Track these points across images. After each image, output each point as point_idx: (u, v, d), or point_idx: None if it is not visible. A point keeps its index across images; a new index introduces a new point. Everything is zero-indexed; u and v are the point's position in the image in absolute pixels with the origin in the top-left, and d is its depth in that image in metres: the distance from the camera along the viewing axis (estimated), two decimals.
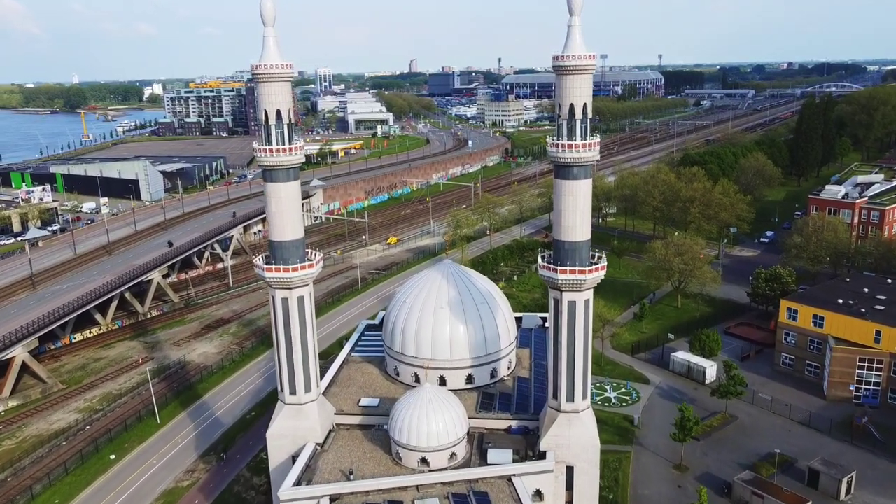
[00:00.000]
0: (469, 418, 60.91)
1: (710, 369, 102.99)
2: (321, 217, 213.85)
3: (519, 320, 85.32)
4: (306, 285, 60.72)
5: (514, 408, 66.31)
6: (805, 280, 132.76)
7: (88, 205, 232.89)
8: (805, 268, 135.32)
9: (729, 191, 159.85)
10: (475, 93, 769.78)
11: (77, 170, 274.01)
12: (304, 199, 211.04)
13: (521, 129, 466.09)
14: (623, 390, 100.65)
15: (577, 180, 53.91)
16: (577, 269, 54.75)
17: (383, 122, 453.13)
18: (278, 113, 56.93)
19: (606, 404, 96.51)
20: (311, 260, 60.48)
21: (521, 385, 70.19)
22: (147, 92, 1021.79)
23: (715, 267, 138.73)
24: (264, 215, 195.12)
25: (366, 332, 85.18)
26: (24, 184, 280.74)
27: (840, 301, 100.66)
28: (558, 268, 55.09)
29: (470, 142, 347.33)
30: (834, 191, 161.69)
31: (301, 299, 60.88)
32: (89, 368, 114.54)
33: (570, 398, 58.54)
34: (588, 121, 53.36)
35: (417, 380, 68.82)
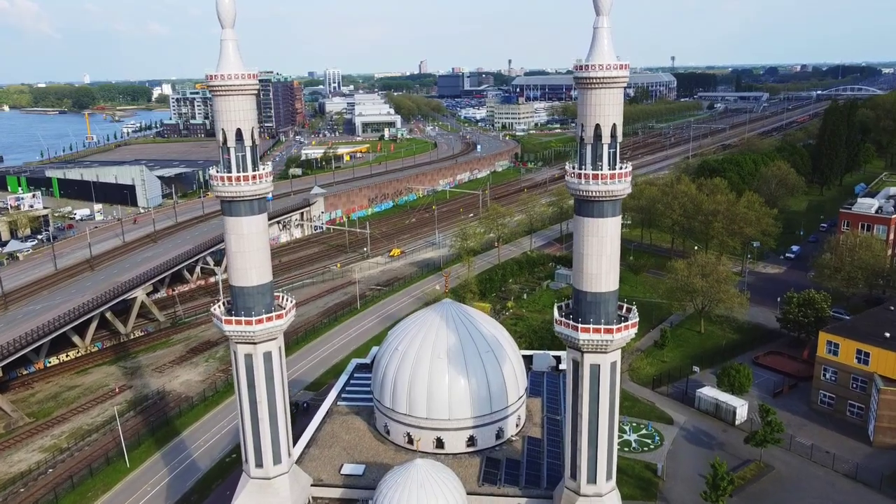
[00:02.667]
0: (469, 494, 51.20)
1: (741, 409, 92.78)
2: (322, 227, 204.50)
3: (528, 360, 75.60)
4: (274, 339, 51.05)
5: (523, 479, 56.33)
6: (838, 302, 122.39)
7: (82, 211, 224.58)
8: (839, 289, 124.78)
9: (754, 204, 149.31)
10: (485, 94, 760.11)
11: (73, 174, 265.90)
12: (304, 207, 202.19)
13: (532, 132, 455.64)
14: (644, 432, 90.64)
15: (603, 218, 44.11)
16: (602, 326, 44.87)
17: (391, 124, 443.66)
18: (238, 133, 47.41)
19: (626, 449, 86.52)
20: (281, 308, 50.81)
21: (532, 448, 60.31)
22: (156, 92, 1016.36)
23: (740, 287, 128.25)
24: None
25: (356, 375, 75.33)
26: (19, 188, 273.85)
27: (888, 335, 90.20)
28: (580, 325, 45.20)
29: (479, 146, 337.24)
30: (867, 204, 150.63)
31: (268, 355, 51.20)
32: (61, 399, 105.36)
33: (592, 479, 48.68)
34: (618, 145, 43.57)
35: (410, 441, 59.16)
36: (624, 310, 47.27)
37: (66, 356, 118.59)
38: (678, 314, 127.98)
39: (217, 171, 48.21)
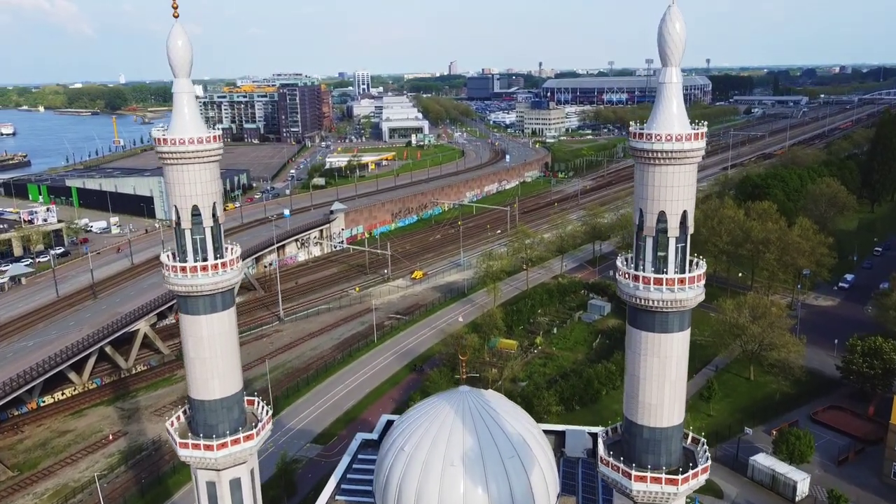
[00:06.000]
0: None
1: (802, 483, 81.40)
2: (342, 244, 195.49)
3: (559, 439, 65.22)
4: (244, 463, 41.44)
5: None
6: None
7: (98, 223, 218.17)
8: None
9: (808, 231, 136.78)
10: (515, 97, 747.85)
11: (93, 184, 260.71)
12: (324, 224, 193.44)
13: (562, 138, 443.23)
14: None
15: (668, 334, 33.92)
16: (663, 475, 34.58)
17: (418, 130, 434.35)
18: (195, 211, 37.99)
19: None
20: (252, 427, 41.06)
21: None
22: None
23: (793, 329, 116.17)
24: (282, 243, 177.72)
25: (360, 455, 65.28)
26: (40, 197, 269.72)
27: None
28: (633, 471, 34.97)
29: (508, 156, 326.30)
30: None
31: (236, 482, 41.59)
32: (50, 447, 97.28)
33: None
34: (688, 238, 33.30)
35: None
36: (689, 440, 36.99)
37: (62, 394, 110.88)
38: (724, 357, 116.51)
39: (169, 260, 38.69)
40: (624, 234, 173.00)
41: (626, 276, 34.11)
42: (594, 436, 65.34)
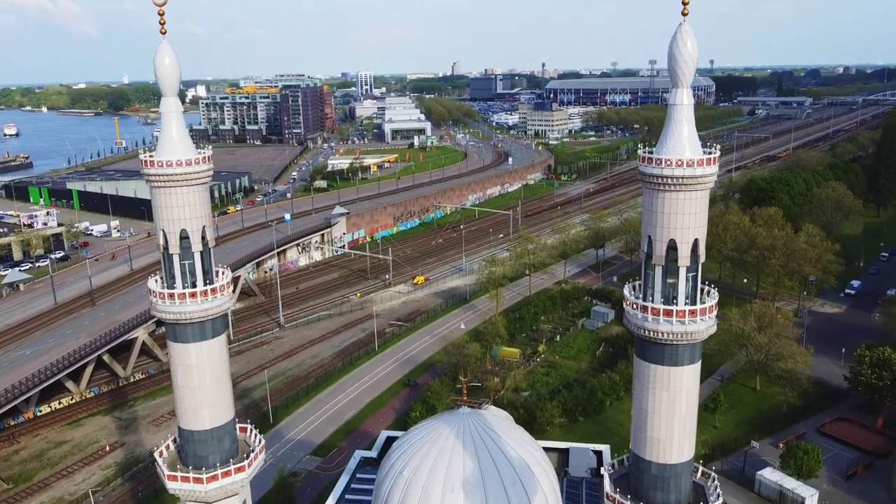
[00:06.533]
0: None
1: (811, 500, 79.73)
2: (343, 248, 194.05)
3: (563, 457, 63.74)
4: (235, 495, 40.02)
5: None
6: None
7: (99, 227, 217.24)
8: None
9: (814, 238, 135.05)
10: (517, 98, 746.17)
11: (94, 187, 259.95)
12: (325, 228, 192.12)
13: (566, 140, 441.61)
14: None
15: (677, 367, 32.42)
16: None
17: (421, 131, 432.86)
18: (184, 235, 36.58)
19: None
20: (245, 457, 39.60)
21: None
22: (190, 94, 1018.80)
23: (799, 339, 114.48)
24: (281, 248, 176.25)
25: (359, 475, 63.78)
26: (41, 199, 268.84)
27: None
28: None
29: (510, 158, 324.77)
30: None
31: None
32: (46, 458, 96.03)
33: None
34: (699, 267, 31.81)
35: None
36: (699, 474, 35.51)
37: (59, 403, 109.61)
38: (729, 367, 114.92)
39: (156, 286, 37.30)
40: (627, 240, 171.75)
41: (634, 306, 32.57)
42: (598, 454, 64.13)
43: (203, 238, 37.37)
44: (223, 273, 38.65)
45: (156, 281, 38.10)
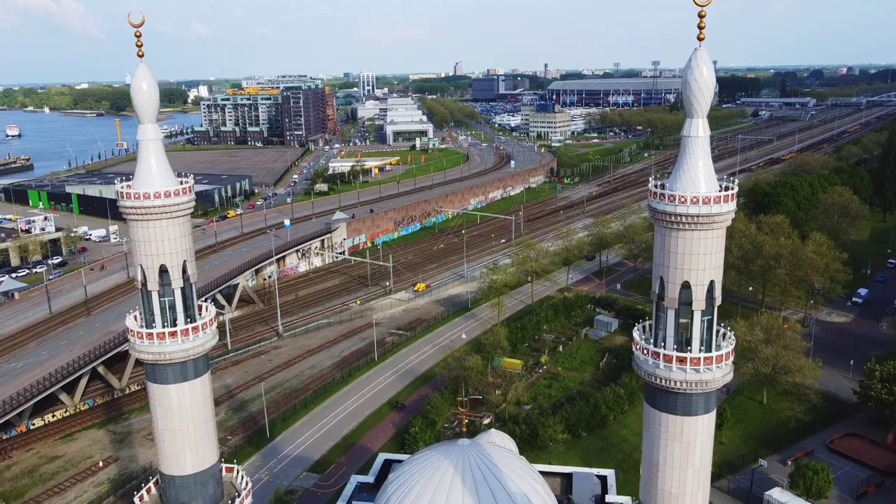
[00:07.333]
0: None
1: None
2: (343, 254, 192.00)
3: (566, 482, 61.67)
4: None
5: None
6: None
7: (98, 231, 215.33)
8: None
9: (822, 247, 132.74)
10: (520, 98, 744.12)
11: (93, 190, 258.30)
12: (325, 234, 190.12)
13: (568, 142, 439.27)
14: None
15: (691, 417, 30.36)
16: None
17: (423, 133, 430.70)
18: (163, 271, 34.54)
19: None
20: (230, 502, 37.54)
21: None
22: (192, 94, 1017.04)
23: (808, 352, 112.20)
24: (282, 254, 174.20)
25: (355, 501, 61.76)
26: (40, 203, 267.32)
27: None
28: None
29: (513, 161, 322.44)
30: None
31: None
32: (38, 474, 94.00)
33: None
34: (715, 310, 29.67)
35: None
36: None
37: (53, 416, 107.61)
38: (735, 380, 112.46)
39: (135, 326, 35.26)
40: (631, 246, 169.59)
41: (645, 351, 30.48)
42: (603, 479, 62.06)
43: (184, 273, 35.35)
44: (206, 308, 36.63)
45: (134, 318, 36.01)
